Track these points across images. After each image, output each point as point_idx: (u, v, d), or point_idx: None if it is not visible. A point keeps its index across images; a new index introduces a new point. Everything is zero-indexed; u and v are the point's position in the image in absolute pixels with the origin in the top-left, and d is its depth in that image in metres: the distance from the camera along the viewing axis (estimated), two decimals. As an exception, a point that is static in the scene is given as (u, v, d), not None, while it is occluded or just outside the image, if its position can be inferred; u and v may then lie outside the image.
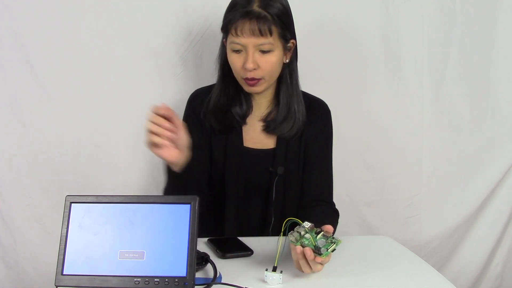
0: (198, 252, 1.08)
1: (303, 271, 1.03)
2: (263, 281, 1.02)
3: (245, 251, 1.18)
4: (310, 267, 1.02)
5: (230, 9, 1.26)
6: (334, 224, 1.27)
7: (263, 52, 1.24)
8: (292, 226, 1.05)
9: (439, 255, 1.90)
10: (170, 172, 1.18)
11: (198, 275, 1.03)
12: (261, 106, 1.39)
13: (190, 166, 1.17)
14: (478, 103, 1.84)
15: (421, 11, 1.75)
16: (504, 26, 1.79)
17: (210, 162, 1.39)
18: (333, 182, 1.41)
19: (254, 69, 1.24)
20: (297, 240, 1.02)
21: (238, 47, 1.24)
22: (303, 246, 1.01)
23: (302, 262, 1.02)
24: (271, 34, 1.22)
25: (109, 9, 1.61)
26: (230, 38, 1.25)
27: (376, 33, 1.75)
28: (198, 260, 1.06)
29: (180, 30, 1.65)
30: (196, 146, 1.31)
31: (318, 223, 1.08)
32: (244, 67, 1.24)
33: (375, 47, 1.76)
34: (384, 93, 1.79)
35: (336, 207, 1.39)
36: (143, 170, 1.71)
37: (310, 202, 1.36)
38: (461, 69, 1.81)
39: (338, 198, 1.41)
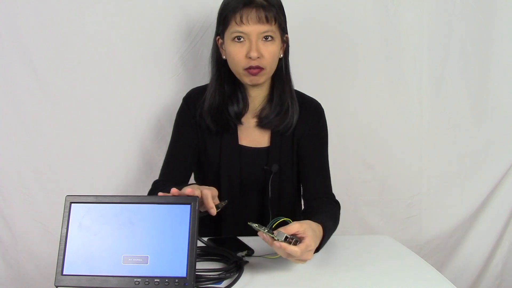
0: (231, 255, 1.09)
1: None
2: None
3: (246, 251, 1.18)
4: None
5: (227, 4, 1.28)
6: (332, 216, 1.27)
7: (266, 41, 1.27)
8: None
9: (439, 255, 1.90)
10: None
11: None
12: (256, 102, 1.39)
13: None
14: (478, 103, 1.84)
15: (421, 11, 1.76)
16: (504, 26, 1.79)
17: (204, 162, 1.40)
18: (330, 176, 1.41)
19: (258, 57, 1.26)
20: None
21: (241, 35, 1.26)
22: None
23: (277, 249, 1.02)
24: (275, 21, 1.26)
25: (109, 10, 1.62)
26: (232, 28, 1.26)
27: (376, 33, 1.75)
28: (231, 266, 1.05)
29: (180, 30, 1.65)
30: (185, 142, 1.37)
31: (312, 217, 1.12)
32: (248, 56, 1.26)
33: (375, 47, 1.76)
34: (384, 93, 1.79)
35: (336, 206, 1.39)
36: (143, 170, 1.71)
37: (311, 196, 1.37)
38: (461, 69, 1.80)
39: (338, 197, 1.40)
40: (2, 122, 1.64)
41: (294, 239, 1.02)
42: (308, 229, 1.04)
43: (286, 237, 1.01)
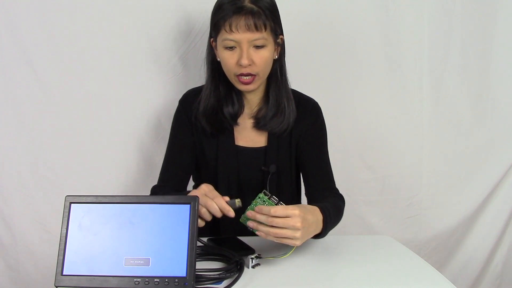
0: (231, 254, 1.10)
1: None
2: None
3: (247, 251, 1.18)
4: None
5: (219, 8, 1.26)
6: (334, 204, 1.25)
7: (257, 47, 1.24)
8: None
9: (439, 255, 1.90)
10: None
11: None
12: (252, 104, 1.39)
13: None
14: (478, 103, 1.84)
15: (421, 11, 1.76)
16: (504, 26, 1.79)
17: (201, 163, 1.40)
18: (332, 171, 1.40)
19: (249, 65, 1.24)
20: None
21: (231, 43, 1.24)
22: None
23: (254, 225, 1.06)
24: (265, 28, 1.23)
25: (109, 10, 1.62)
26: (223, 35, 1.24)
27: (376, 33, 1.75)
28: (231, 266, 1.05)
29: (180, 30, 1.65)
30: (183, 145, 1.37)
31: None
32: (238, 64, 1.24)
33: (375, 47, 1.76)
34: (384, 93, 1.79)
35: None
36: (143, 171, 1.71)
37: (313, 193, 1.36)
38: (461, 69, 1.81)
39: (338, 197, 1.41)
40: (2, 122, 1.64)
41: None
42: (296, 205, 1.07)
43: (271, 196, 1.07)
